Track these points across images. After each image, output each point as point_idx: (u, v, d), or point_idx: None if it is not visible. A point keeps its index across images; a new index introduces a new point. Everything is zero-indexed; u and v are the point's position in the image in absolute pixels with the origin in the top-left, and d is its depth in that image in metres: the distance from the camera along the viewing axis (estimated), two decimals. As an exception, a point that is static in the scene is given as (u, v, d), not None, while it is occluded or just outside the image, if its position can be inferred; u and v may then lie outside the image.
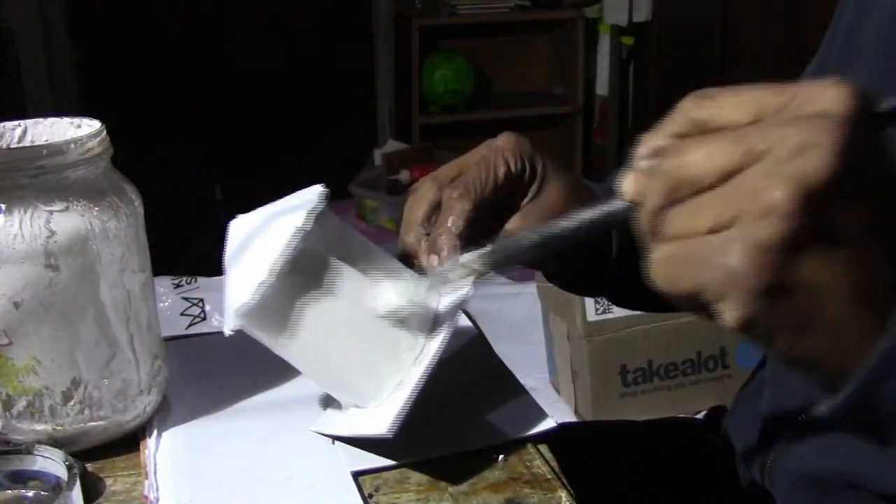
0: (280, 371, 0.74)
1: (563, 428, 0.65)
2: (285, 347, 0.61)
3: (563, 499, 0.58)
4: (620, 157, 3.32)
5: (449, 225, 0.62)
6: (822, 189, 0.35)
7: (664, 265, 0.39)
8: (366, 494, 0.59)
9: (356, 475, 0.60)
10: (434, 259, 0.62)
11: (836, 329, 0.38)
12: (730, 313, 0.37)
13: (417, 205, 0.65)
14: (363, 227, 3.03)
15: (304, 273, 0.56)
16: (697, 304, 0.38)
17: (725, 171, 0.37)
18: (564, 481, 0.60)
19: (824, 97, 0.37)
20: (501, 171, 0.65)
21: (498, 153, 0.65)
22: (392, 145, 3.30)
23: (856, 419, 0.41)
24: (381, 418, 0.58)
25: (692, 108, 0.40)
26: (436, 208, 0.64)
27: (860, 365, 0.39)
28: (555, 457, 0.63)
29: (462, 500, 0.58)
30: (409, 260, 0.64)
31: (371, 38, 3.51)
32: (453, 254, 0.61)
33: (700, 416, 0.94)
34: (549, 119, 3.56)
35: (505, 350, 0.79)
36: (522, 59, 3.57)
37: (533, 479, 0.60)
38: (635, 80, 3.26)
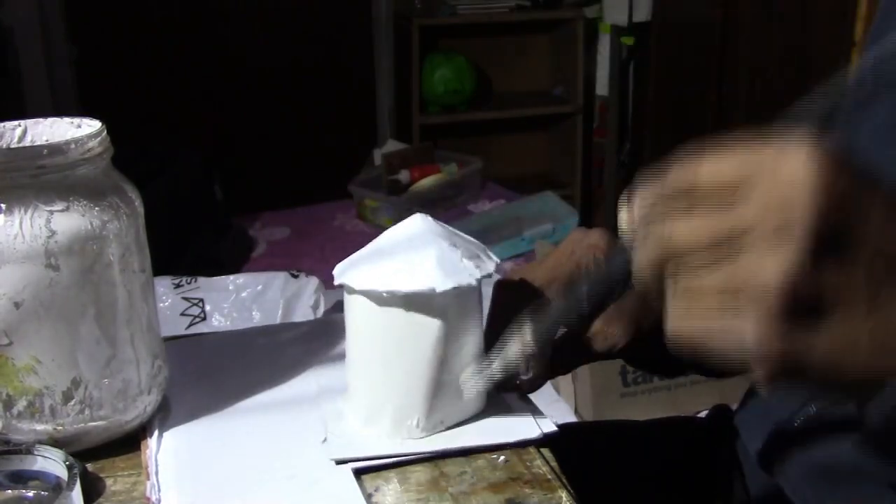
0: (280, 370, 0.74)
1: (563, 428, 0.66)
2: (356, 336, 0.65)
3: (563, 499, 0.58)
4: (620, 157, 3.32)
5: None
6: (808, 262, 0.40)
7: (681, 330, 0.44)
8: (366, 494, 0.59)
9: (357, 473, 0.61)
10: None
11: (869, 370, 0.42)
12: (756, 375, 0.42)
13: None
14: (363, 226, 3.03)
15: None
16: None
17: (714, 241, 0.42)
18: (564, 481, 0.60)
19: (789, 166, 0.41)
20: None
21: (590, 253, 0.65)
22: (392, 145, 3.29)
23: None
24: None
25: (677, 177, 0.44)
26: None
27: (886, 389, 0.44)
28: (555, 457, 0.63)
29: (462, 500, 0.58)
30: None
31: (371, 38, 3.51)
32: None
33: (701, 415, 0.94)
34: (549, 119, 3.56)
35: (505, 350, 0.78)
36: (522, 59, 3.57)
37: (533, 479, 0.60)
38: (635, 80, 3.26)
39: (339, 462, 0.62)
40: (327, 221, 3.10)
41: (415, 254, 0.62)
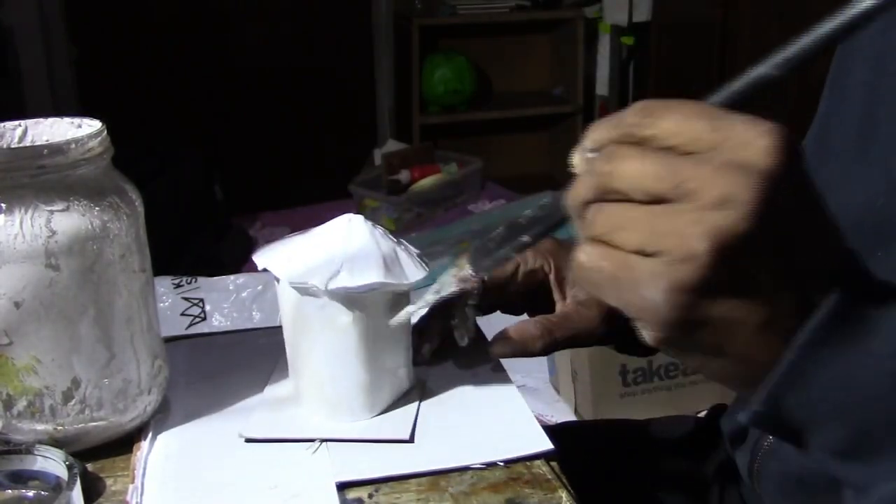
0: (279, 371, 0.74)
1: (563, 428, 0.65)
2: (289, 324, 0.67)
3: (563, 499, 0.58)
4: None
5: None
6: (738, 244, 0.38)
7: (587, 264, 0.42)
8: (366, 494, 0.59)
9: (341, 486, 0.60)
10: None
11: (745, 355, 0.42)
12: (645, 332, 0.42)
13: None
14: (363, 227, 3.02)
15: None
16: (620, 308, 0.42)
17: (653, 195, 0.40)
18: (564, 481, 0.60)
19: (754, 147, 0.39)
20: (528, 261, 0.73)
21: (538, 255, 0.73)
22: (392, 145, 3.30)
23: (772, 427, 0.44)
24: (396, 425, 0.65)
25: (636, 117, 0.42)
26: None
27: (766, 380, 0.42)
28: (555, 457, 0.63)
29: (462, 500, 0.58)
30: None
31: (371, 38, 3.51)
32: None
33: (701, 415, 0.94)
34: (549, 119, 3.56)
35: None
36: (522, 59, 3.57)
37: (533, 479, 0.60)
38: (635, 80, 3.26)
39: (248, 440, 0.64)
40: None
41: (338, 250, 0.66)
